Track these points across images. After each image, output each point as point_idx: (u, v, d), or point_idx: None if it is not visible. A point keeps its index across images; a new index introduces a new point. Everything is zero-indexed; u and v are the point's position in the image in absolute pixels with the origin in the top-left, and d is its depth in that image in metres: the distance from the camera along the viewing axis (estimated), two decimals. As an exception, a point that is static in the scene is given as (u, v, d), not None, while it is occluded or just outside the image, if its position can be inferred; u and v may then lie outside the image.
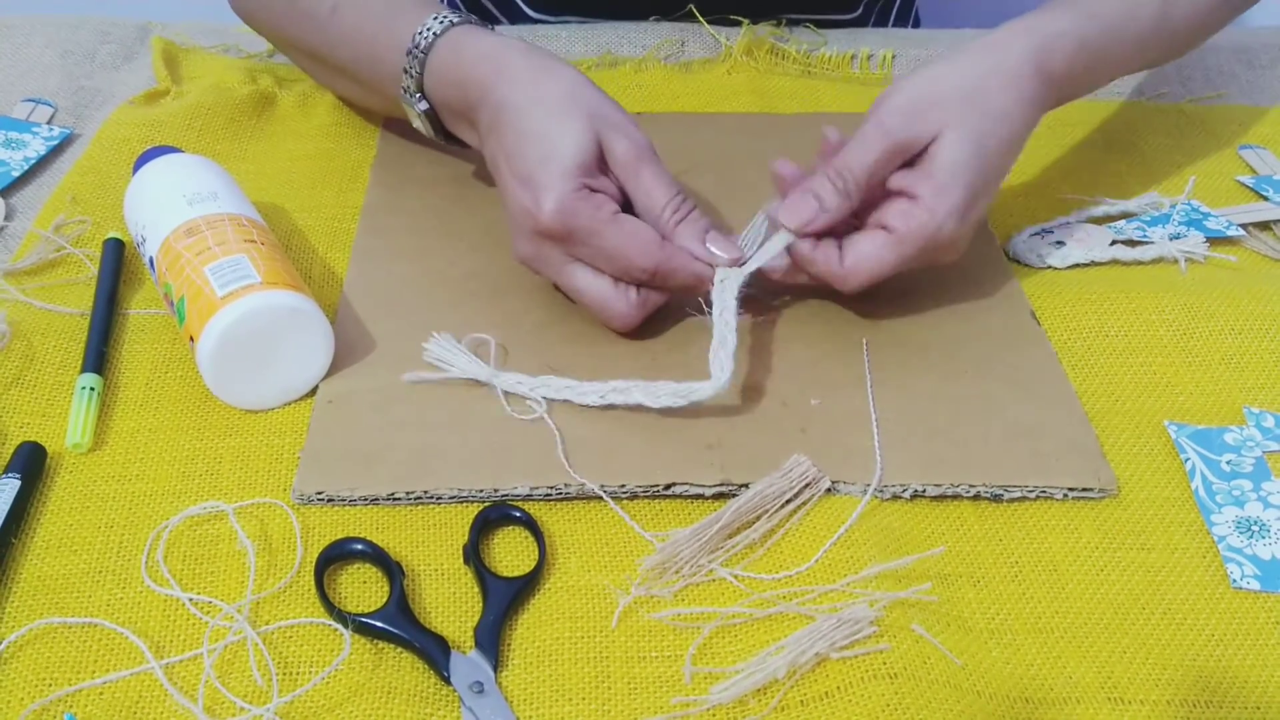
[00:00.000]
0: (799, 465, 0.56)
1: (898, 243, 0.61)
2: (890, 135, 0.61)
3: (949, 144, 0.61)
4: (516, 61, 0.63)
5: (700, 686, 0.49)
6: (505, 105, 0.62)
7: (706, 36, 0.92)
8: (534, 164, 0.60)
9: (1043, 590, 0.53)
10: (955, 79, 0.62)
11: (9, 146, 0.77)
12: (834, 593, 0.52)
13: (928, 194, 0.60)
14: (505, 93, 0.62)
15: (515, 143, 0.61)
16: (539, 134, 0.60)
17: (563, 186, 0.59)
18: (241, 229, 0.62)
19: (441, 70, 0.66)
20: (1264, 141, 0.85)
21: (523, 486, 0.56)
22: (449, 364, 0.61)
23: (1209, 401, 0.63)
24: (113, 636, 0.50)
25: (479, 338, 0.63)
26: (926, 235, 0.60)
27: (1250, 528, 0.56)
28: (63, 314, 0.65)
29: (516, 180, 0.60)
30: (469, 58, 0.65)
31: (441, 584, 0.53)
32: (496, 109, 0.62)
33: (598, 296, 0.62)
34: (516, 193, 0.60)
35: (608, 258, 0.60)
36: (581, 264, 0.61)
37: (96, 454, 0.58)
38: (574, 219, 0.59)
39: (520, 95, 0.62)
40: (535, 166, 0.59)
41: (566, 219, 0.59)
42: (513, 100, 0.62)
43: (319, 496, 0.55)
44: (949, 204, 0.60)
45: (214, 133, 0.80)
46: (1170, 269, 0.72)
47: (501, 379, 0.61)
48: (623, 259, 0.60)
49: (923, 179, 0.61)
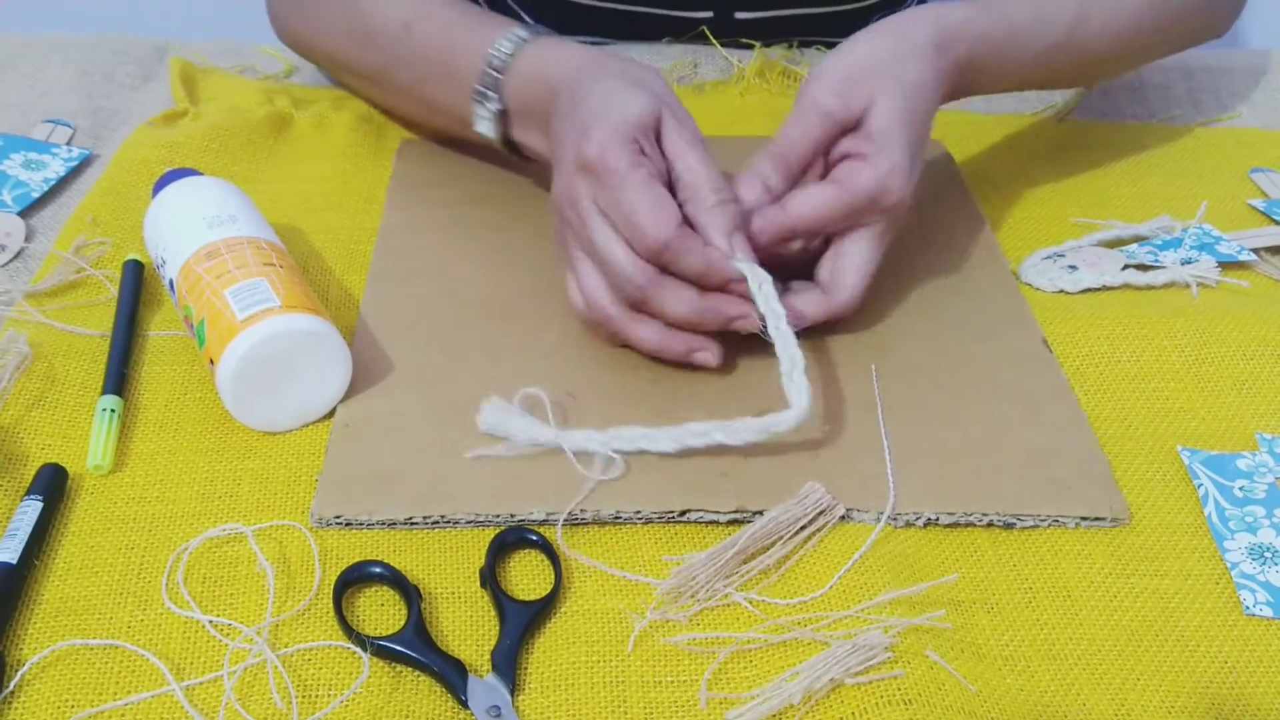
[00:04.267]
0: (813, 492, 0.56)
1: (844, 191, 0.63)
2: (829, 113, 0.64)
3: (882, 111, 0.64)
4: (605, 59, 0.66)
5: (716, 712, 0.49)
6: (583, 82, 0.64)
7: (719, 59, 0.93)
8: (594, 113, 0.61)
9: (1056, 617, 0.54)
10: (875, 55, 0.65)
11: (29, 168, 0.78)
12: (848, 619, 0.53)
13: (871, 152, 0.63)
14: (593, 75, 0.64)
15: (584, 103, 0.62)
16: (606, 94, 0.62)
17: (613, 130, 0.60)
18: (261, 252, 0.62)
19: (527, 69, 0.68)
20: (1275, 165, 0.85)
21: (539, 511, 0.56)
22: (509, 432, 0.59)
23: (1221, 427, 0.63)
24: (133, 658, 0.50)
25: (531, 394, 0.61)
26: (872, 187, 0.62)
27: (1263, 554, 0.56)
28: (83, 335, 0.65)
29: (575, 129, 0.61)
30: (558, 55, 0.68)
31: (458, 607, 0.53)
32: (574, 89, 0.64)
33: (615, 255, 0.60)
34: (566, 135, 0.62)
35: (625, 214, 0.59)
36: (605, 219, 0.60)
37: (117, 476, 0.58)
38: (611, 158, 0.59)
39: (603, 72, 0.64)
40: (594, 115, 0.61)
41: (604, 155, 0.59)
42: (597, 78, 0.64)
43: (337, 520, 0.56)
44: (890, 160, 0.63)
45: (231, 154, 0.81)
46: (1182, 294, 0.72)
47: (568, 439, 0.59)
48: (637, 221, 0.58)
49: (864, 141, 0.64)
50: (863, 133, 0.64)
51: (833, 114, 0.64)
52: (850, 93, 0.64)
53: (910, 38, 0.66)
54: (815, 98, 0.65)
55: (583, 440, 0.59)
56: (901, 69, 0.65)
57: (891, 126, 0.63)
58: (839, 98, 0.64)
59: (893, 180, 0.63)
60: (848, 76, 0.65)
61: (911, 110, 0.64)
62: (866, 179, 0.63)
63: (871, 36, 0.67)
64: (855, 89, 0.64)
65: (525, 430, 0.59)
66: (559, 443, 0.58)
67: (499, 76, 0.69)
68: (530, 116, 0.69)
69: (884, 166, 0.63)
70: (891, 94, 0.64)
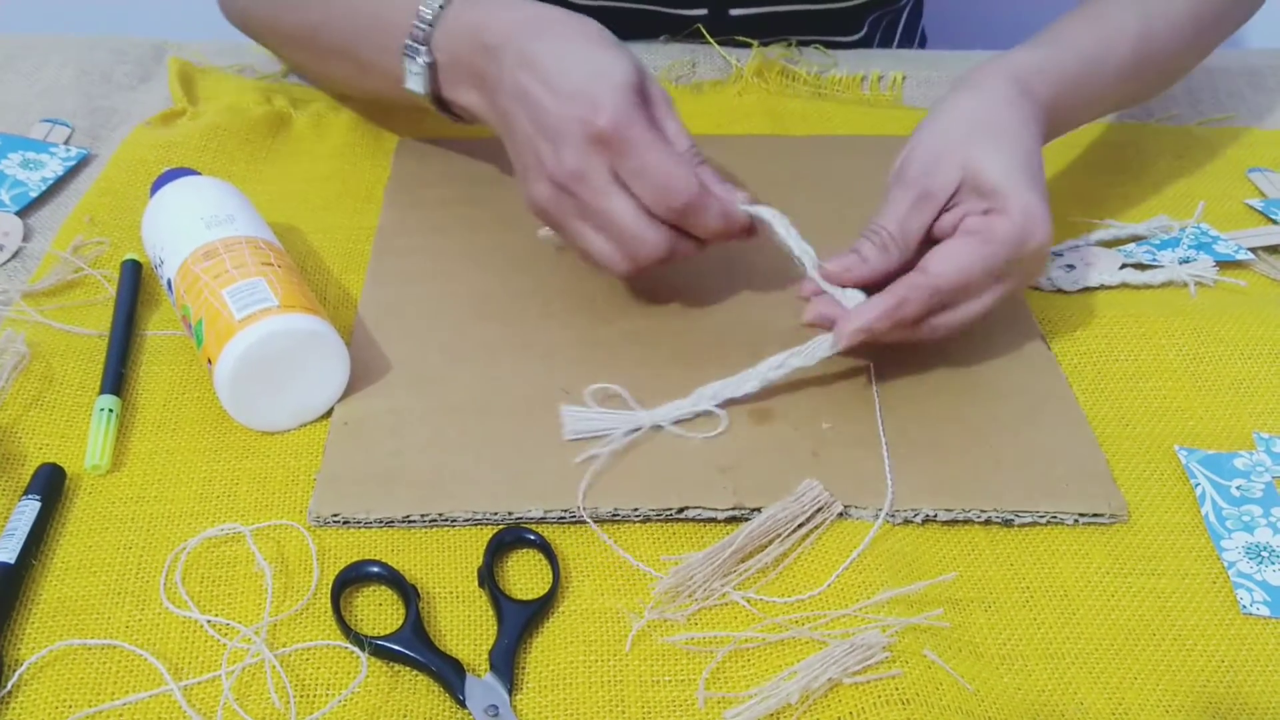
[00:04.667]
0: (811, 490, 0.57)
1: (985, 243, 0.59)
2: (914, 184, 0.61)
3: (992, 165, 0.60)
4: (545, 11, 0.64)
5: (714, 711, 0.49)
6: (538, 42, 0.62)
7: (717, 58, 0.93)
8: (586, 78, 0.59)
9: (1054, 616, 0.54)
10: (956, 120, 0.62)
11: (27, 167, 0.78)
12: (846, 618, 0.53)
13: (997, 204, 0.59)
14: (537, 32, 0.62)
15: (557, 66, 0.60)
16: (586, 57, 0.61)
17: (621, 97, 0.59)
18: (259, 252, 0.62)
19: (457, 22, 0.66)
20: (1273, 164, 0.85)
21: (536, 510, 0.56)
22: (601, 429, 0.60)
23: (1219, 426, 0.63)
24: (132, 658, 0.50)
25: (604, 388, 0.62)
26: (1014, 234, 0.58)
27: (1260, 553, 0.56)
28: (81, 335, 0.65)
29: (562, 97, 0.60)
30: (492, 7, 0.65)
31: (456, 607, 0.53)
32: (524, 47, 0.62)
33: (633, 223, 0.60)
34: (562, 108, 0.60)
35: (652, 178, 0.59)
36: (622, 189, 0.60)
37: (115, 475, 0.58)
38: (632, 127, 0.59)
39: (557, 33, 0.62)
40: (588, 80, 0.59)
41: (624, 125, 0.58)
42: (548, 38, 0.62)
43: (335, 518, 0.56)
44: (1023, 202, 0.59)
45: (229, 153, 0.81)
46: (1180, 293, 0.72)
47: (659, 415, 0.61)
48: (666, 181, 0.59)
49: (985, 198, 0.60)
50: (979, 191, 0.60)
51: (918, 183, 0.61)
52: (937, 160, 0.61)
53: (991, 92, 0.63)
54: (900, 175, 0.62)
55: (673, 411, 0.61)
56: (992, 121, 0.62)
57: (1009, 173, 0.59)
58: (924, 168, 0.61)
59: (1033, 225, 0.59)
60: (932, 146, 0.62)
61: (1023, 154, 0.61)
62: (1005, 228, 0.58)
63: (954, 99, 0.64)
64: (942, 156, 0.61)
65: (617, 422, 0.60)
66: (655, 421, 0.61)
67: (429, 29, 0.67)
68: (460, 71, 0.67)
69: (1018, 211, 0.58)
70: (994, 148, 0.61)
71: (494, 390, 0.63)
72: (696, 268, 0.71)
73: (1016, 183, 0.59)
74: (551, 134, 0.60)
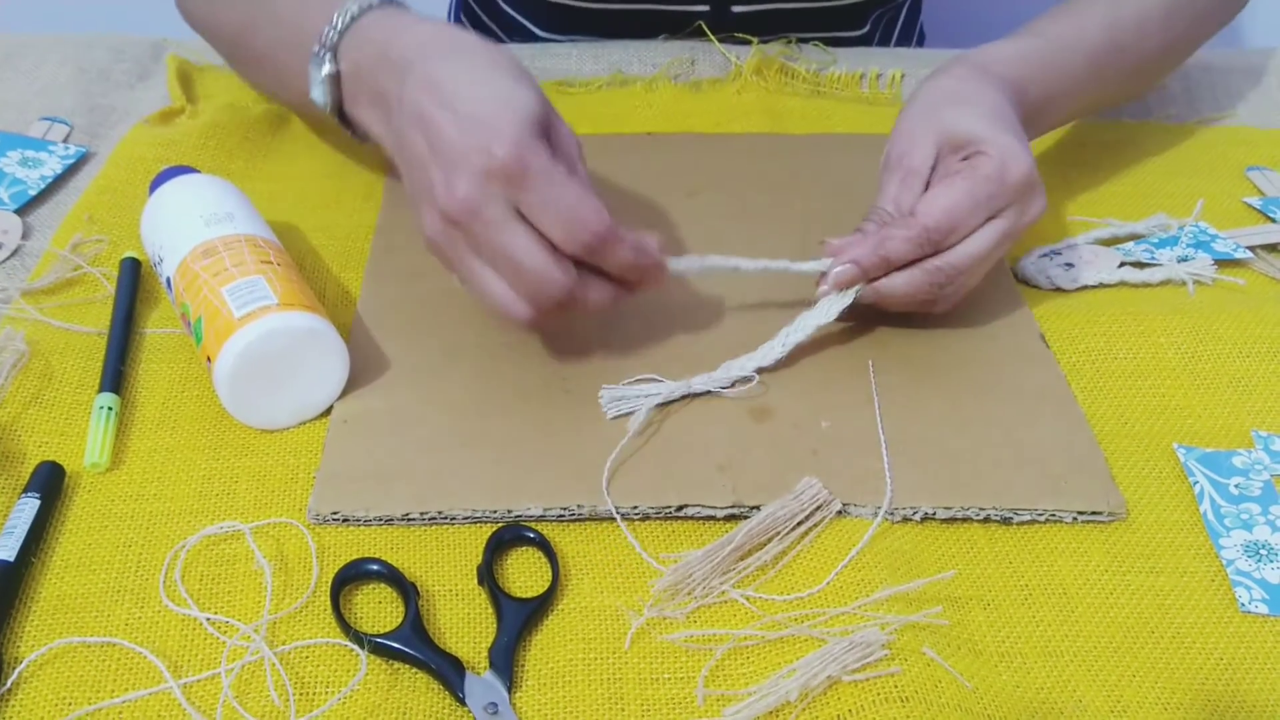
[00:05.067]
0: (810, 488, 0.57)
1: (968, 179, 0.61)
2: (897, 166, 0.64)
3: (966, 122, 0.63)
4: (458, 34, 0.60)
5: (713, 709, 0.49)
6: (444, 62, 0.57)
7: (716, 55, 0.93)
8: (487, 104, 0.55)
9: (1052, 614, 0.54)
10: (925, 101, 0.66)
11: (26, 165, 0.78)
12: (845, 615, 0.53)
13: (977, 148, 0.62)
14: (443, 53, 0.58)
15: (460, 90, 0.56)
16: (490, 82, 0.56)
17: (525, 126, 0.55)
18: (258, 250, 0.62)
19: (367, 29, 0.63)
20: (1271, 163, 0.85)
21: (536, 507, 0.56)
22: (639, 403, 0.61)
23: (1217, 425, 0.63)
24: (131, 656, 0.50)
25: (645, 379, 0.63)
26: (994, 167, 0.61)
27: (1258, 551, 0.57)
28: (80, 333, 0.65)
29: (460, 122, 0.55)
30: (404, 21, 0.62)
31: (456, 605, 0.53)
32: (428, 67, 0.57)
33: (533, 259, 0.55)
34: (460, 136, 0.55)
35: (558, 210, 0.55)
36: (524, 222, 0.55)
37: (114, 473, 0.58)
38: (534, 157, 0.54)
39: (465, 56, 0.58)
40: (489, 106, 0.55)
41: (526, 156, 0.54)
42: (454, 60, 0.58)
43: (334, 517, 0.56)
44: (1000, 143, 0.61)
45: (228, 151, 0.81)
46: (1178, 291, 0.72)
47: (694, 383, 0.62)
48: (575, 212, 0.55)
49: (963, 148, 0.63)
50: (956, 146, 0.63)
51: (916, 169, 0.64)
52: (913, 137, 0.64)
53: (956, 74, 0.67)
54: (895, 162, 0.65)
55: (706, 382, 0.62)
56: (959, 91, 0.65)
57: (979, 121, 0.62)
58: (915, 152, 0.64)
59: (1011, 157, 0.61)
60: (915, 127, 0.65)
61: (990, 108, 0.64)
62: (983, 162, 0.61)
63: (922, 87, 0.68)
64: (916, 130, 0.64)
65: (652, 394, 0.61)
66: (690, 390, 0.62)
67: (337, 37, 0.63)
68: (362, 85, 0.63)
69: (994, 147, 0.61)
70: (962, 110, 0.64)
71: (493, 388, 0.63)
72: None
73: (988, 127, 0.62)
74: (445, 161, 0.55)
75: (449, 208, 0.55)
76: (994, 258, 0.63)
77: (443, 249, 0.58)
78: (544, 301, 0.57)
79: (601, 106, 0.88)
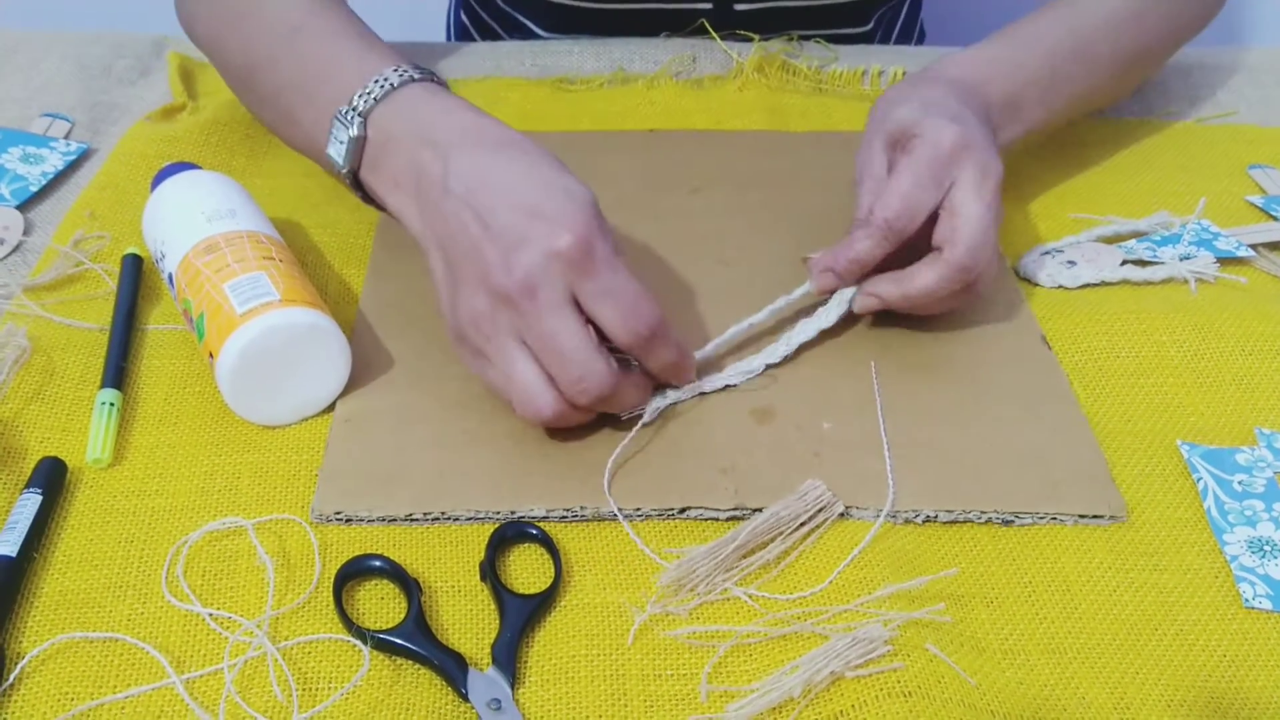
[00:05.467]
0: (814, 489, 0.56)
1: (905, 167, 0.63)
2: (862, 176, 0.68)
3: (896, 117, 0.66)
4: (504, 127, 0.60)
5: (716, 705, 0.49)
6: (496, 152, 0.58)
7: (718, 53, 0.93)
8: (549, 191, 0.56)
9: (1056, 611, 0.54)
10: (876, 114, 0.69)
11: (27, 161, 0.78)
12: (848, 613, 0.53)
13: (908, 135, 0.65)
14: (492, 143, 0.58)
15: (515, 179, 0.56)
16: (549, 174, 0.57)
17: (589, 213, 0.55)
18: (260, 246, 0.62)
19: (405, 103, 0.61)
20: (1273, 161, 0.85)
21: (539, 508, 0.56)
22: (652, 402, 0.61)
23: (1220, 422, 0.63)
24: (134, 651, 0.50)
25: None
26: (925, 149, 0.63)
27: (1262, 547, 0.56)
28: (82, 329, 0.65)
29: (523, 209, 0.55)
30: (447, 104, 0.61)
31: (458, 601, 0.53)
32: (479, 156, 0.57)
33: (588, 351, 0.55)
34: (522, 218, 0.55)
35: (620, 300, 0.55)
36: (573, 310, 0.55)
37: (116, 469, 0.58)
38: (600, 245, 0.55)
39: (515, 145, 0.58)
40: (553, 194, 0.55)
41: (594, 242, 0.54)
42: (506, 149, 0.58)
43: (338, 516, 0.56)
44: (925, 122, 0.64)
45: (230, 148, 0.81)
46: (1181, 289, 0.72)
47: (706, 385, 0.63)
48: (636, 306, 0.55)
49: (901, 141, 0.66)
50: (896, 142, 0.66)
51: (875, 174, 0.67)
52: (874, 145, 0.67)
53: (899, 84, 0.71)
54: (860, 173, 0.68)
55: (716, 381, 0.63)
56: (897, 94, 0.69)
57: (913, 113, 0.65)
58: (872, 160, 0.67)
59: (938, 131, 0.63)
60: (869, 136, 0.68)
61: (926, 99, 0.66)
62: (917, 144, 0.64)
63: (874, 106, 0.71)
64: (874, 140, 0.68)
65: (663, 395, 0.62)
66: (702, 388, 0.62)
67: (373, 103, 0.61)
68: (389, 156, 0.61)
69: (924, 129, 0.64)
70: (898, 107, 0.66)
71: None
72: (695, 265, 0.71)
73: (919, 113, 0.65)
74: (505, 241, 0.54)
75: (504, 285, 0.54)
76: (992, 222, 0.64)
77: (480, 330, 0.56)
78: (579, 395, 0.55)
79: (603, 104, 0.88)
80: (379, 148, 0.61)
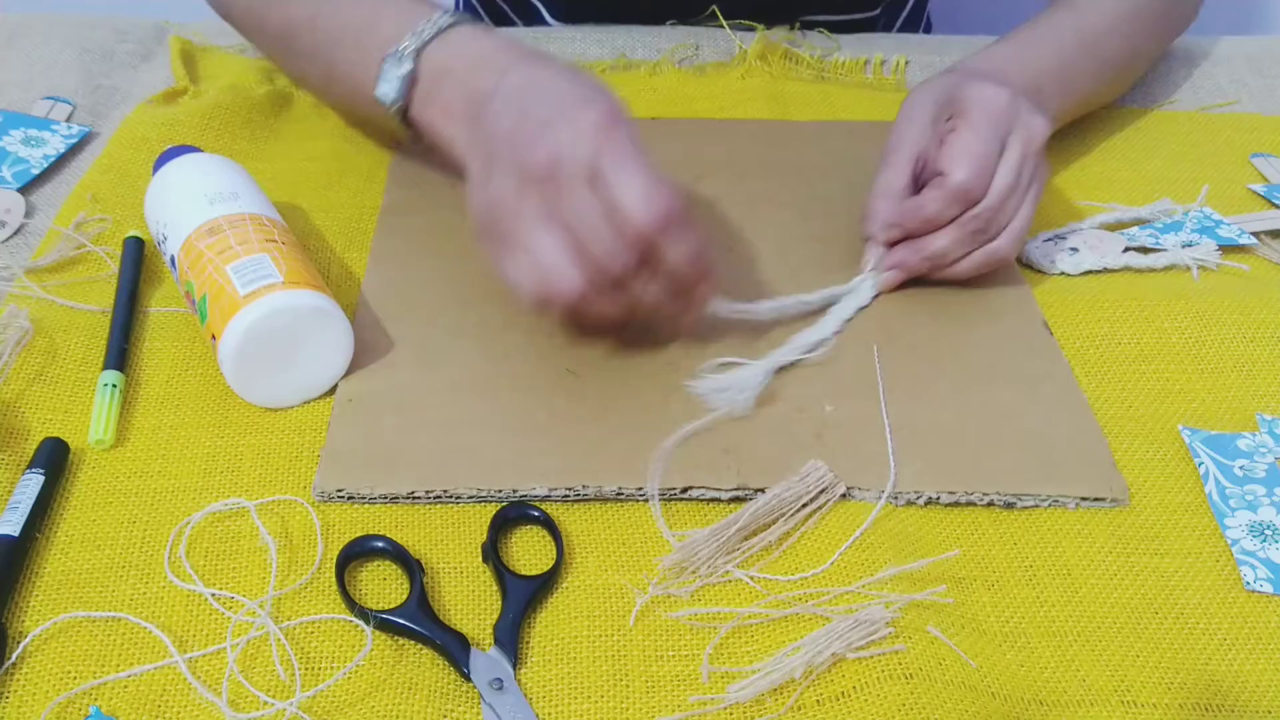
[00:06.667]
0: (815, 471, 0.57)
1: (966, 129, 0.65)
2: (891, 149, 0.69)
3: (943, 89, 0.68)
4: (550, 57, 0.63)
5: (717, 685, 0.49)
6: (545, 65, 0.61)
7: (721, 41, 0.92)
8: (583, 90, 0.58)
9: (1057, 594, 0.54)
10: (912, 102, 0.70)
11: (29, 144, 0.78)
12: (849, 594, 0.53)
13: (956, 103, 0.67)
14: (542, 63, 0.61)
15: (558, 81, 0.59)
16: (590, 80, 0.60)
17: (619, 109, 0.57)
18: (262, 228, 0.62)
19: (459, 39, 0.65)
20: (1276, 150, 0.85)
21: (541, 487, 0.56)
22: (724, 387, 0.61)
23: (1222, 408, 0.63)
24: (137, 630, 0.50)
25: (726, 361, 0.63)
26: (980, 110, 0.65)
27: (1263, 531, 0.57)
28: (84, 311, 0.65)
29: (557, 102, 0.57)
30: (502, 34, 0.65)
31: (461, 582, 0.53)
32: (530, 67, 0.61)
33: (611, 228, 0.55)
34: (556, 110, 0.57)
35: (639, 182, 0.55)
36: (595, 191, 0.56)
37: (119, 450, 0.58)
38: (626, 126, 0.57)
39: (559, 64, 0.61)
40: (586, 89, 0.58)
41: (619, 120, 0.56)
42: (552, 68, 0.61)
43: (339, 494, 0.56)
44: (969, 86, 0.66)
45: (232, 132, 0.81)
46: (1183, 276, 0.72)
47: (771, 362, 0.63)
48: (658, 182, 0.55)
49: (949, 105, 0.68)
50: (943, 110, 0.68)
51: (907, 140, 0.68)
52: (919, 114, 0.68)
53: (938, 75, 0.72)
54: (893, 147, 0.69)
55: (776, 360, 0.63)
56: (936, 82, 0.70)
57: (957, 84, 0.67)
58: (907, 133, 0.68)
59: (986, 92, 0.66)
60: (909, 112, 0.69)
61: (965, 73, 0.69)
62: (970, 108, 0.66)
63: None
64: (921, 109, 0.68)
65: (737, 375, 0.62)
66: (769, 367, 0.63)
67: (425, 40, 0.64)
68: (443, 87, 0.64)
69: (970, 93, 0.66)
70: (941, 81, 0.69)
71: (498, 368, 0.63)
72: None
73: (963, 83, 0.67)
74: (537, 124, 0.56)
75: (534, 161, 0.55)
76: (1023, 187, 0.66)
77: (507, 209, 0.57)
78: (601, 273, 0.55)
79: (605, 90, 0.88)
80: (432, 82, 0.64)
